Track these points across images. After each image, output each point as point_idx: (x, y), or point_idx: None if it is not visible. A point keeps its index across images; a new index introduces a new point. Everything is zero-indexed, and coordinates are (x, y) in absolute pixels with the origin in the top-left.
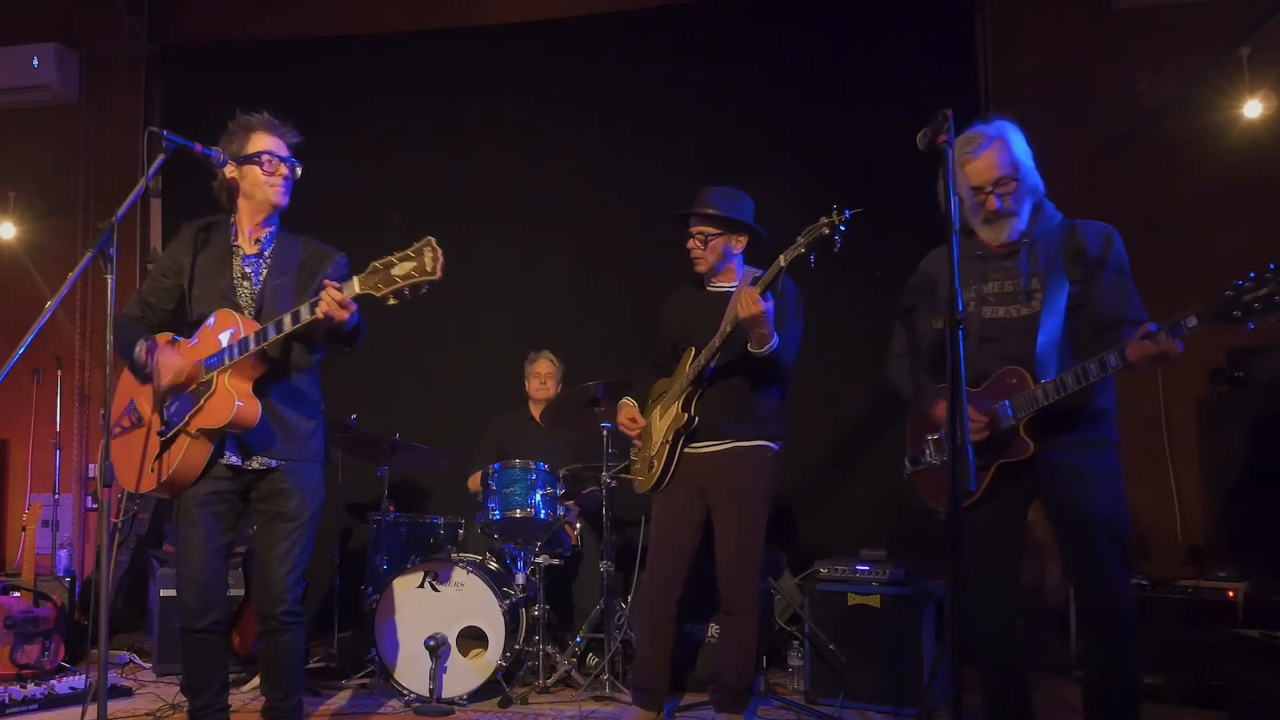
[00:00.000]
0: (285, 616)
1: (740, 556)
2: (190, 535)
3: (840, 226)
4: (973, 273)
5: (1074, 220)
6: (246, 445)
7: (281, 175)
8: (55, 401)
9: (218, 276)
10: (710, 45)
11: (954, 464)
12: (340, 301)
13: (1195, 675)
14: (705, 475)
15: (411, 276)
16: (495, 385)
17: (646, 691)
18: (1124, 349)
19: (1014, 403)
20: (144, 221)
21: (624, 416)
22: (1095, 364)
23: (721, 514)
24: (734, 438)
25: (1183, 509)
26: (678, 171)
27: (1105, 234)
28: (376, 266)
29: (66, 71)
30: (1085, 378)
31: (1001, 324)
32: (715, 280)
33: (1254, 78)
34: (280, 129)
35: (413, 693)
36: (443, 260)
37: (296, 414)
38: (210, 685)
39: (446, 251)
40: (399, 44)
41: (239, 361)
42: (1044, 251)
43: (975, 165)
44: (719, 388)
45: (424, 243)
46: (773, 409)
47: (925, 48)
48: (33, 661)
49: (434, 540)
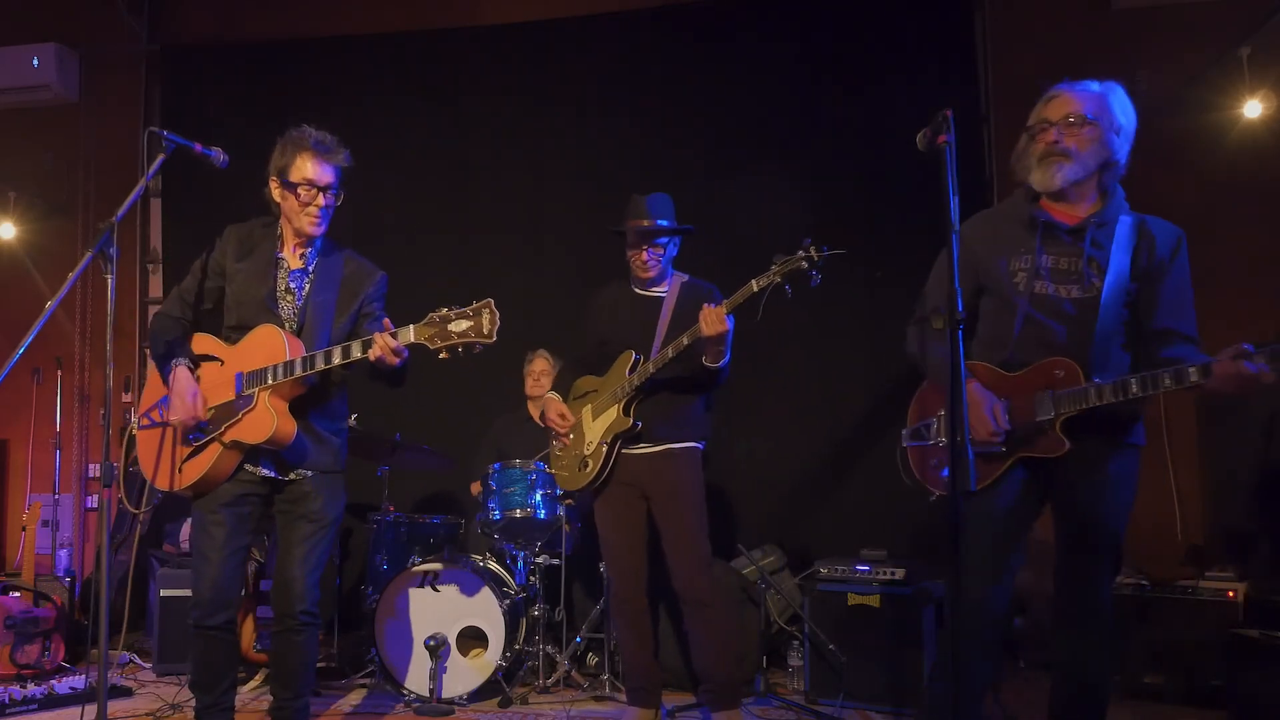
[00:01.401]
0: (303, 617)
1: (692, 555)
2: (213, 533)
3: (819, 262)
4: (1025, 242)
5: (1145, 216)
6: (284, 460)
7: (318, 206)
8: (55, 401)
9: (260, 286)
10: (710, 45)
11: (954, 464)
12: (395, 349)
13: (1195, 675)
14: (643, 476)
15: (468, 335)
16: (495, 385)
17: (641, 690)
18: (1209, 366)
19: (1058, 397)
20: (144, 221)
21: (554, 413)
22: (1169, 375)
23: (664, 514)
24: (669, 440)
25: (1183, 509)
26: (678, 171)
27: (1176, 237)
28: (434, 319)
29: (66, 71)
30: (1154, 386)
31: (1054, 303)
32: (652, 286)
33: (1254, 78)
34: (328, 153)
35: (413, 693)
36: (499, 324)
37: (328, 429)
38: (219, 684)
39: (446, 251)
40: (399, 44)
41: (281, 382)
42: (1112, 238)
43: (1058, 99)
44: (658, 393)
45: (483, 304)
46: (702, 413)
47: (925, 48)
48: (33, 661)
49: (434, 540)
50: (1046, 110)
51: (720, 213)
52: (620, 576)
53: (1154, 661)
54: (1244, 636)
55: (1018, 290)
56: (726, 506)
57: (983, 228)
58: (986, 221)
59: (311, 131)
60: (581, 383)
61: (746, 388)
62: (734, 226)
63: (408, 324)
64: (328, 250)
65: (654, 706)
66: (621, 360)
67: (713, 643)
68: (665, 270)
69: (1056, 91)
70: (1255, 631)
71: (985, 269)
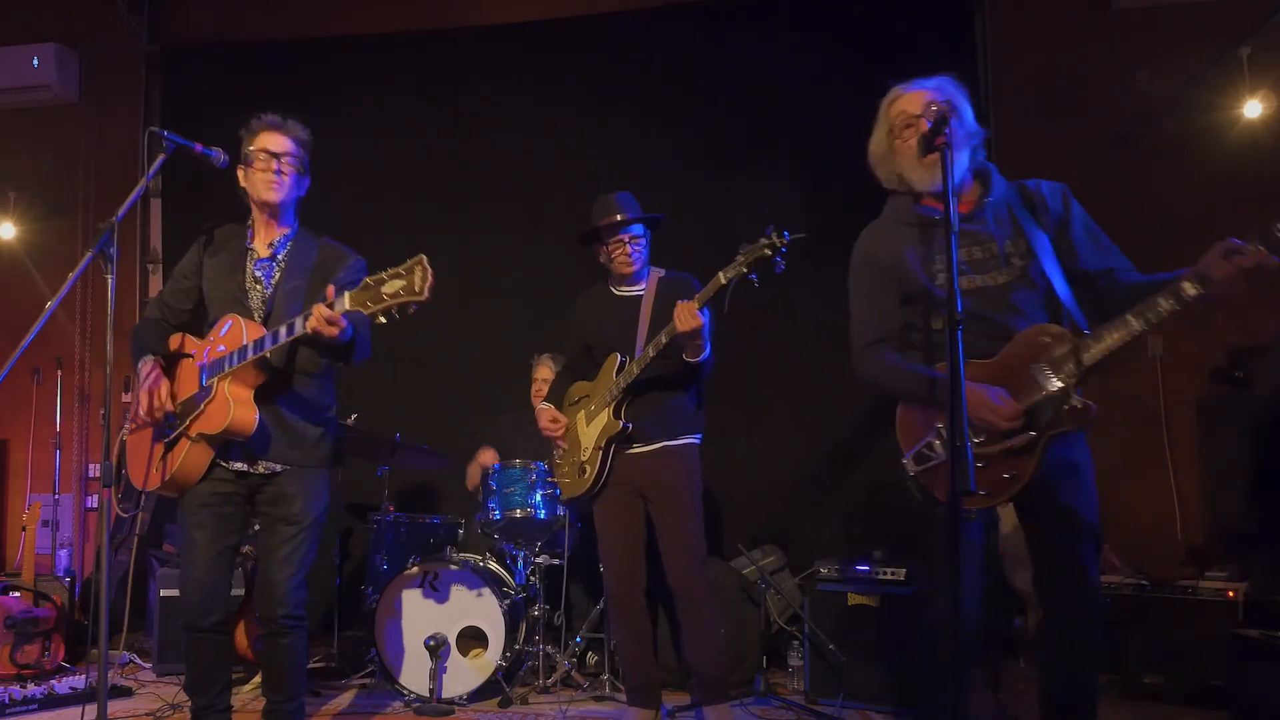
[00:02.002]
0: (286, 620)
1: (686, 552)
2: (195, 536)
3: (782, 249)
4: (930, 242)
5: (1021, 181)
6: (250, 451)
7: (273, 171)
8: (55, 401)
9: (229, 279)
10: (710, 45)
11: (953, 464)
12: (328, 318)
13: (1195, 675)
14: (639, 476)
15: (399, 296)
16: (495, 385)
17: (640, 691)
18: (1205, 270)
19: (1057, 362)
20: (144, 221)
21: (545, 420)
22: (1165, 296)
23: (660, 512)
24: (664, 438)
25: (1183, 509)
26: (678, 171)
27: (1060, 189)
28: (368, 283)
29: (66, 71)
30: (1154, 314)
31: (986, 295)
32: (626, 285)
33: (1254, 78)
34: (283, 125)
35: (413, 693)
36: (432, 280)
37: (303, 420)
38: (213, 685)
39: (447, 251)
40: (399, 44)
41: (239, 368)
42: (1008, 210)
43: (908, 96)
44: (647, 393)
45: (415, 261)
46: (693, 408)
47: (925, 48)
48: (33, 661)
49: (434, 540)
50: (902, 104)
51: (720, 213)
52: (617, 579)
53: (1154, 661)
54: (1244, 636)
55: (942, 289)
56: (726, 506)
57: (882, 239)
58: (881, 233)
59: (264, 115)
60: (574, 389)
61: (747, 387)
62: (734, 226)
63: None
64: (301, 238)
65: (654, 707)
66: (608, 363)
67: (701, 639)
68: (642, 268)
69: (899, 91)
70: (1255, 631)
71: (902, 279)
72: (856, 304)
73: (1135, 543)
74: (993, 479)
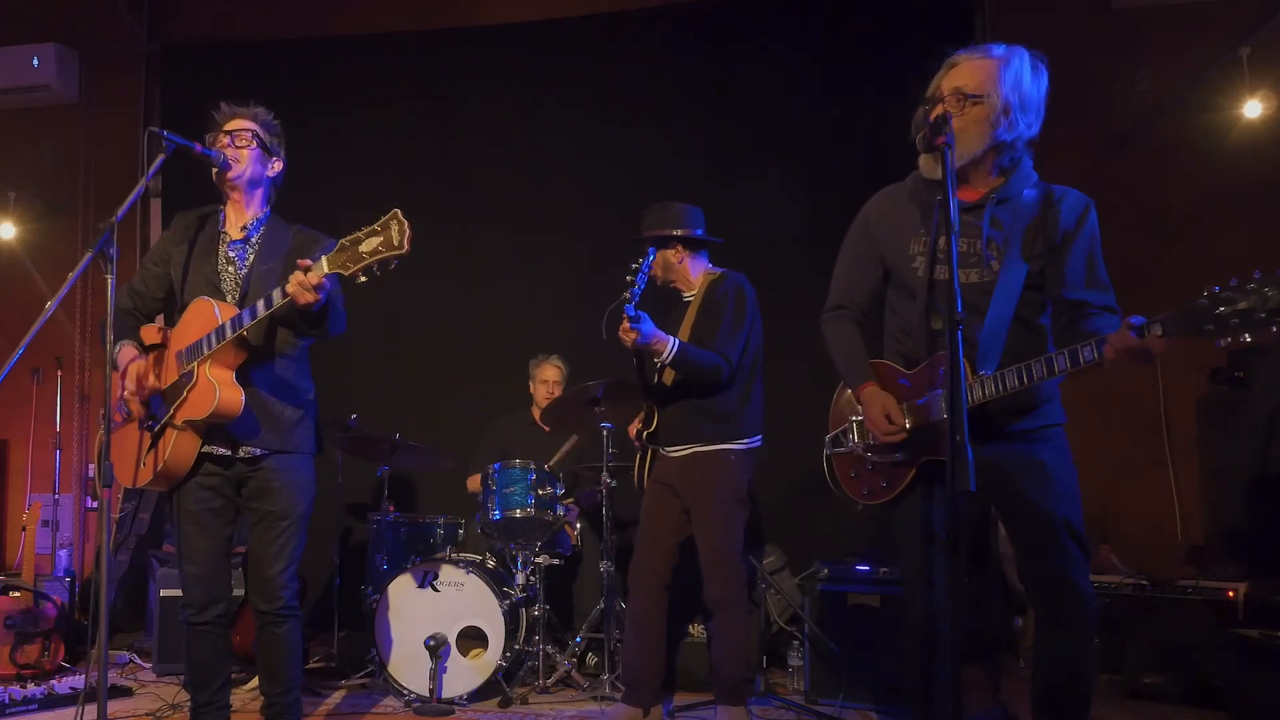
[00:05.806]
0: (282, 610)
1: (712, 558)
2: (188, 532)
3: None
4: (922, 222)
5: (1052, 186)
6: (231, 434)
7: (236, 148)
8: (55, 401)
9: (203, 263)
10: (710, 45)
11: (953, 464)
12: (308, 283)
13: (1195, 675)
14: (673, 476)
15: (379, 252)
16: (495, 385)
17: (631, 688)
18: (1103, 342)
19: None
20: (144, 221)
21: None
22: (1064, 357)
23: (695, 517)
24: (695, 442)
25: (1183, 509)
26: (679, 172)
27: (1081, 206)
28: (344, 244)
29: (66, 71)
30: (1030, 377)
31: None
32: (686, 291)
33: (1254, 78)
34: (240, 110)
35: (413, 693)
36: (410, 233)
37: (282, 402)
38: (213, 681)
39: (448, 251)
40: (399, 44)
41: (219, 350)
42: (1011, 216)
43: (956, 68)
44: (674, 397)
45: (390, 216)
46: (732, 407)
47: (925, 47)
48: (33, 661)
49: (434, 540)
50: (945, 80)
51: (720, 213)
52: (634, 569)
53: (1154, 661)
54: (1244, 636)
55: (917, 276)
56: None
57: (885, 207)
58: (889, 200)
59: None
60: None
61: None
62: (734, 226)
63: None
64: (274, 223)
65: (642, 706)
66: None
67: (726, 642)
68: (687, 275)
69: (956, 58)
70: (1255, 631)
71: (887, 254)
72: (839, 263)
73: (1135, 543)
74: (874, 482)
